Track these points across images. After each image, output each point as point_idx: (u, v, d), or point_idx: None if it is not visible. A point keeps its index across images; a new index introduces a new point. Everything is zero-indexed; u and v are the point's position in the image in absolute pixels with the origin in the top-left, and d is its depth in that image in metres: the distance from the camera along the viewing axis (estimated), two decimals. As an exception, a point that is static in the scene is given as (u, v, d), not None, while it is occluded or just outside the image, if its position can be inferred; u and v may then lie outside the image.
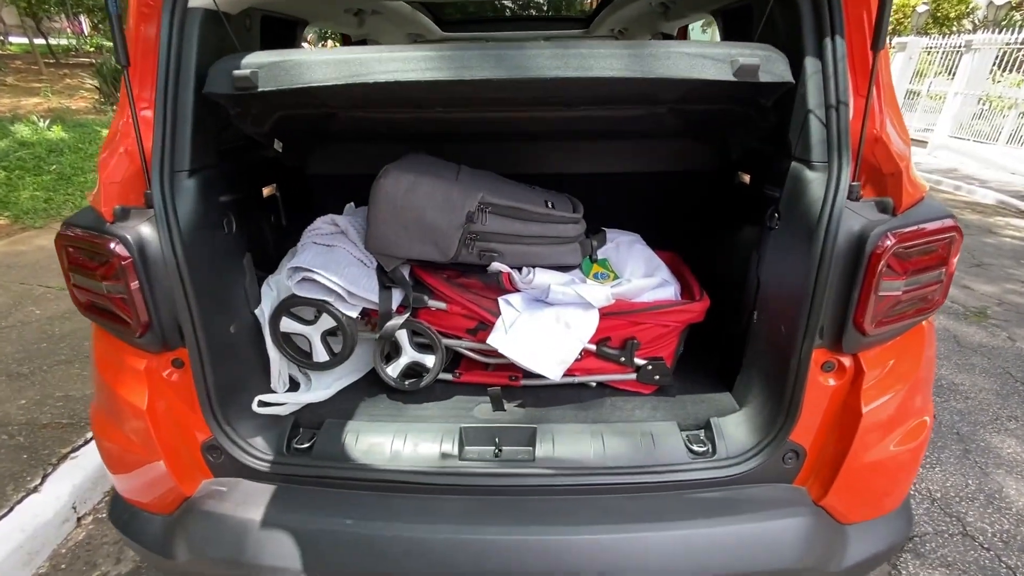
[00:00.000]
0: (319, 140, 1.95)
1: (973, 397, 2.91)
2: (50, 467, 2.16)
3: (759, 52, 1.16)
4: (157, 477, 1.32)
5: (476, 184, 1.49)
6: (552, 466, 1.31)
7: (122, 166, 1.23)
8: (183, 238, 1.18)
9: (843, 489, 1.26)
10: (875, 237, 1.09)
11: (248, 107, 1.39)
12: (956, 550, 1.97)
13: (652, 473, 1.30)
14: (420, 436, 1.39)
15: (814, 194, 1.18)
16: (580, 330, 1.45)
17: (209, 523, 1.29)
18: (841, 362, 1.23)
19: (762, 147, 1.57)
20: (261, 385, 1.53)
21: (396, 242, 1.47)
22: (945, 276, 1.19)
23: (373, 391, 1.63)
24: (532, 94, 1.35)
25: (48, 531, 1.94)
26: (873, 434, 1.22)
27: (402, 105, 1.53)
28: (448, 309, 1.56)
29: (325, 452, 1.37)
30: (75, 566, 1.89)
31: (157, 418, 1.27)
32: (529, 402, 1.56)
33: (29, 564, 1.86)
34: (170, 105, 1.19)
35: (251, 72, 1.15)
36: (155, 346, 1.24)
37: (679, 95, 1.43)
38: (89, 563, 1.91)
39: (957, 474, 2.35)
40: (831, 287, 1.14)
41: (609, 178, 2.08)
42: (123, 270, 1.16)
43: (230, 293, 1.40)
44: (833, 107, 1.15)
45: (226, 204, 1.37)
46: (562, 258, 1.57)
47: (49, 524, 1.94)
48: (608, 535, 1.22)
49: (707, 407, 1.52)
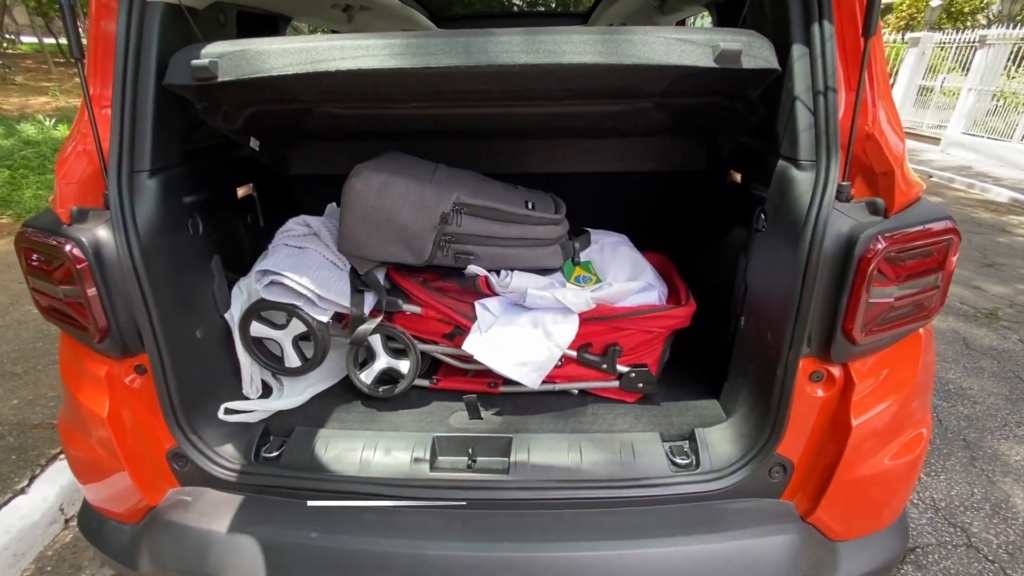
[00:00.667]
0: (297, 138, 1.90)
1: (981, 402, 2.82)
2: (38, 468, 2.15)
3: (741, 37, 1.10)
4: (121, 487, 1.30)
5: (452, 184, 1.44)
6: (527, 478, 1.27)
7: (80, 165, 1.19)
8: (142, 240, 1.14)
9: (833, 505, 1.21)
10: (864, 240, 1.03)
11: (215, 101, 1.34)
12: (960, 562, 1.91)
13: (632, 487, 1.25)
14: (391, 445, 1.34)
15: (801, 194, 1.12)
16: (559, 336, 1.40)
17: (172, 534, 1.26)
18: (830, 372, 1.17)
19: (751, 144, 1.51)
20: (232, 391, 1.49)
21: (368, 244, 1.42)
22: (942, 281, 1.12)
23: (348, 397, 1.58)
24: (505, 86, 1.30)
25: (35, 533, 1.92)
26: (864, 447, 1.16)
27: (374, 100, 1.48)
28: (423, 313, 1.51)
29: (292, 461, 1.33)
30: (61, 569, 1.88)
31: (120, 426, 1.24)
32: (507, 410, 1.51)
33: (15, 566, 1.84)
34: (128, 102, 1.14)
35: (210, 61, 1.10)
36: (115, 352, 1.21)
37: (662, 87, 1.37)
38: (75, 566, 1.89)
39: (963, 482, 2.27)
40: (818, 293, 1.08)
41: (596, 177, 2.03)
42: (79, 274, 1.13)
43: (196, 297, 1.36)
44: (821, 96, 1.08)
45: (192, 205, 1.33)
46: (542, 260, 1.52)
47: (36, 526, 1.92)
48: (584, 552, 1.17)
49: (692, 417, 1.46)
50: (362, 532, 1.21)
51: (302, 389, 1.55)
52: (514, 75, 1.18)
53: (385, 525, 1.21)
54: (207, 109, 1.34)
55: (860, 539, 1.27)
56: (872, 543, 1.27)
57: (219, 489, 1.32)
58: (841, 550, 1.25)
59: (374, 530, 1.21)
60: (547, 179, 1.89)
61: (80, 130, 1.23)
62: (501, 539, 1.19)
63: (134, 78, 1.14)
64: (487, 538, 1.19)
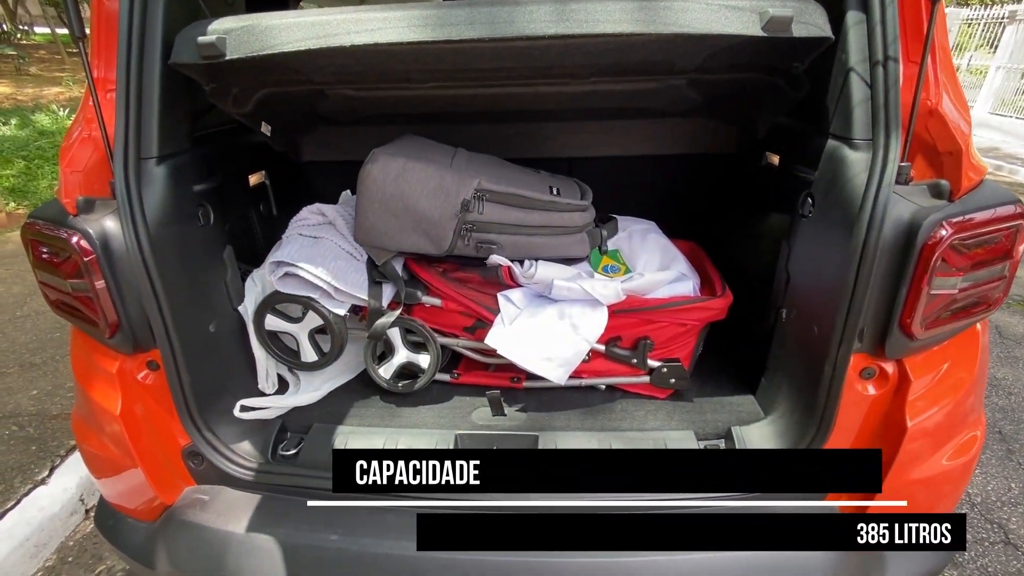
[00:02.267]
0: (311, 123, 1.84)
1: (1017, 393, 2.72)
2: (58, 459, 2.16)
3: (791, 2, 1.00)
4: (136, 484, 1.27)
5: (473, 169, 1.37)
6: None
7: (85, 153, 1.15)
8: (151, 231, 1.09)
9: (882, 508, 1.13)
10: (928, 227, 0.94)
11: (225, 82, 1.28)
12: (997, 560, 1.84)
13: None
14: (412, 442, 1.29)
15: (855, 176, 1.03)
16: (587, 330, 1.33)
17: (189, 535, 1.23)
18: (883, 368, 1.09)
19: (792, 123, 1.41)
20: (247, 386, 1.45)
21: (386, 233, 1.36)
22: (1008, 271, 1.03)
23: (366, 392, 1.54)
24: (530, 62, 1.22)
25: (55, 524, 1.93)
26: (920, 449, 1.09)
27: (391, 80, 1.41)
28: (444, 306, 1.45)
29: (311, 460, 1.29)
30: (82, 559, 1.88)
31: (133, 423, 1.21)
32: (532, 406, 1.45)
33: (36, 556, 1.85)
34: (134, 84, 1.08)
35: (217, 38, 1.03)
36: (127, 347, 1.17)
37: (699, 61, 1.27)
38: (96, 556, 1.89)
39: (999, 477, 2.19)
40: (874, 285, 1.00)
41: (623, 161, 1.94)
42: (87, 267, 1.08)
43: (209, 289, 1.32)
44: (880, 67, 0.98)
45: (202, 193, 1.28)
46: (568, 249, 1.45)
47: (56, 517, 1.93)
48: (614, 559, 1.11)
49: (728, 414, 1.39)
50: (385, 535, 1.16)
51: (319, 384, 1.50)
52: (541, 50, 1.10)
53: (410, 528, 1.17)
54: (216, 91, 1.28)
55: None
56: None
57: (236, 488, 1.28)
58: (888, 555, 1.18)
59: (398, 533, 1.16)
60: (570, 163, 1.82)
61: (85, 116, 1.18)
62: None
63: (139, 58, 1.08)
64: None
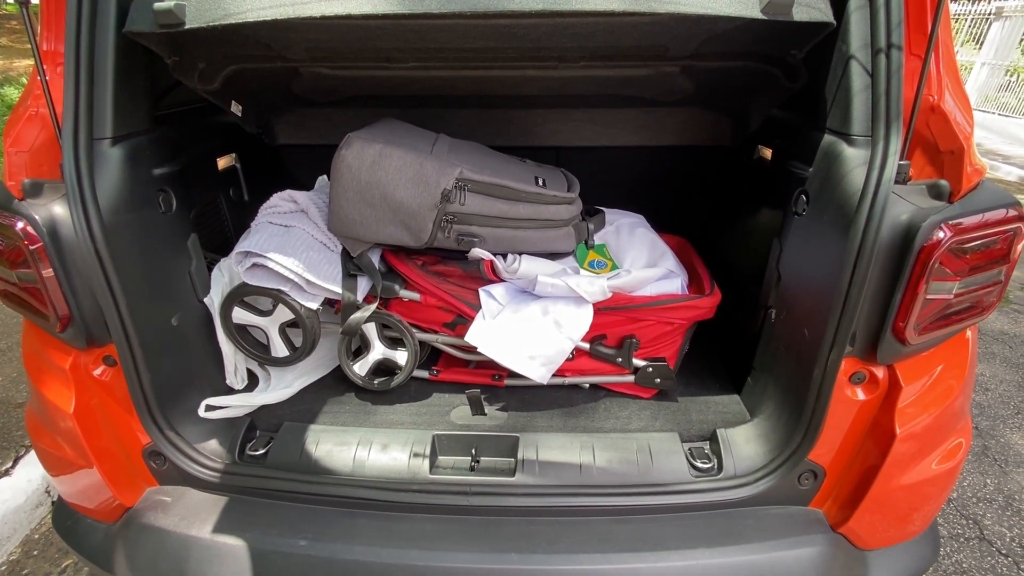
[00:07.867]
0: (285, 103, 1.75)
1: (993, 389, 2.76)
2: (23, 449, 2.08)
3: None
4: (93, 484, 1.21)
5: (454, 157, 1.30)
6: (535, 482, 1.17)
7: (32, 132, 1.06)
8: (104, 218, 1.01)
9: (868, 514, 1.13)
10: (927, 229, 0.91)
11: (189, 56, 1.19)
12: (972, 555, 1.86)
13: (649, 493, 1.16)
14: (387, 443, 1.25)
15: (851, 173, 0.99)
16: (571, 328, 1.29)
17: (149, 539, 1.18)
18: (873, 373, 1.06)
19: (787, 116, 1.36)
20: (215, 381, 1.39)
21: (361, 223, 1.29)
22: (1004, 275, 1.01)
23: (340, 390, 1.48)
24: (515, 42, 1.15)
25: (20, 516, 1.87)
26: (908, 455, 1.08)
27: (369, 59, 1.33)
28: (422, 300, 1.39)
29: (280, 461, 1.23)
30: (48, 553, 1.83)
31: (88, 422, 1.15)
32: (513, 405, 1.41)
33: (0, 550, 1.79)
34: (84, 56, 0.99)
35: (176, 5, 0.95)
36: (80, 342, 1.10)
37: (693, 47, 1.22)
38: (62, 550, 1.83)
39: (975, 473, 2.21)
40: (868, 287, 0.97)
41: (611, 152, 1.89)
42: (33, 255, 1.00)
43: (171, 280, 1.24)
44: (883, 56, 0.94)
45: (163, 177, 1.20)
46: (553, 244, 1.40)
47: (20, 509, 1.87)
48: (596, 565, 1.09)
49: (713, 415, 1.37)
50: (356, 540, 1.12)
51: (290, 381, 1.44)
52: (527, 29, 1.03)
53: (382, 533, 1.13)
54: (179, 65, 1.18)
55: (890, 548, 1.20)
56: (903, 552, 1.21)
57: (201, 489, 1.23)
58: (871, 560, 1.18)
59: (370, 538, 1.12)
60: (557, 153, 1.76)
61: (32, 91, 1.09)
62: (506, 549, 1.11)
63: (90, 26, 0.98)
64: (491, 547, 1.11)
